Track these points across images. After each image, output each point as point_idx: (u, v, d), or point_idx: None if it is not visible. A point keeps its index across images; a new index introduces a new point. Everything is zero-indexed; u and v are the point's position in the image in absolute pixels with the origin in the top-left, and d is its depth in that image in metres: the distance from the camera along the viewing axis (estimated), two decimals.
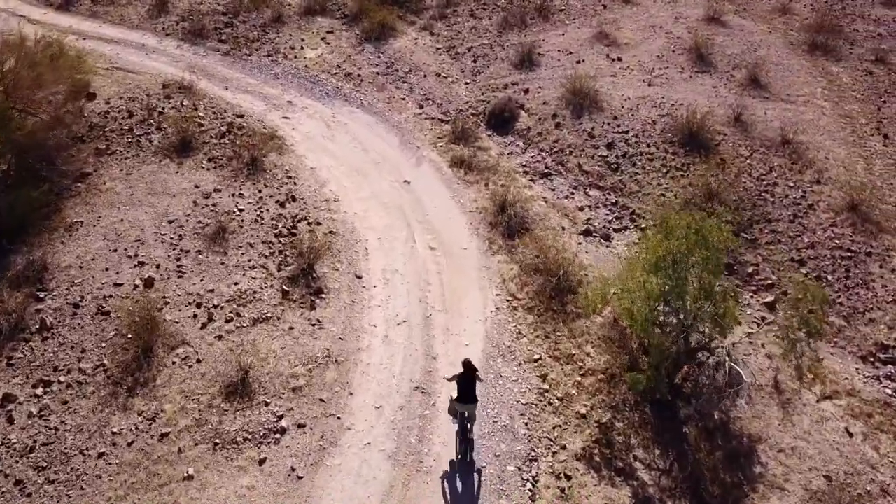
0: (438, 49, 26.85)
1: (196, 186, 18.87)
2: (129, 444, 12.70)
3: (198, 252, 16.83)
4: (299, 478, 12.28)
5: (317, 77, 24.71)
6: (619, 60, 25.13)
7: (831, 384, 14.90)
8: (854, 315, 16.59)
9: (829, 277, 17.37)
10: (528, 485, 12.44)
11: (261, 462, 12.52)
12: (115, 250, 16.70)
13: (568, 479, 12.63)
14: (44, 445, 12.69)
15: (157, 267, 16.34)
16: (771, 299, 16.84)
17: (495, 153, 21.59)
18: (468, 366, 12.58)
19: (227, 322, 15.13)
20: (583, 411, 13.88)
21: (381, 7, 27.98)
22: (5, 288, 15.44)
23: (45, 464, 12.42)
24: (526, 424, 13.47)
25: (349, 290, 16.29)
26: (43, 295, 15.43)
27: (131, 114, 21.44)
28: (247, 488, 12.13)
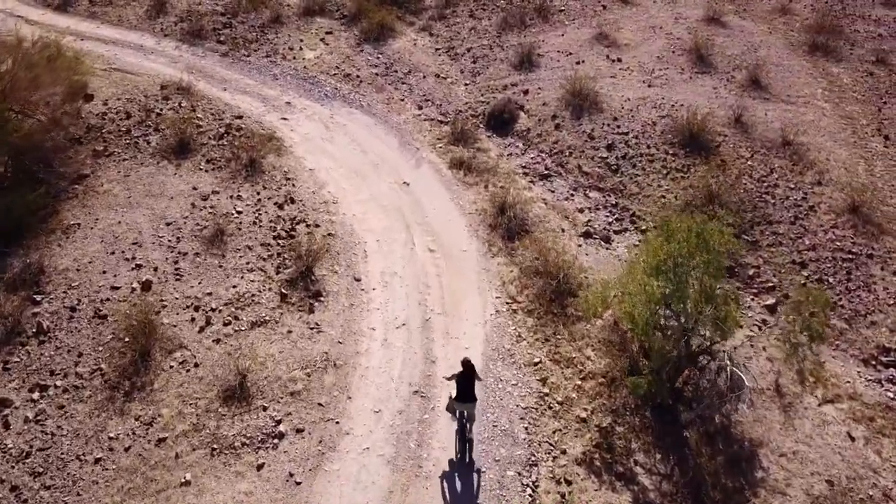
0: (438, 50, 26.75)
1: (194, 188, 18.77)
2: (126, 450, 12.60)
3: (196, 254, 16.73)
4: (297, 483, 12.19)
5: (315, 78, 24.60)
6: (619, 61, 25.03)
7: (833, 388, 14.81)
8: (855, 318, 16.50)
9: (831, 280, 17.29)
10: (529, 490, 12.35)
11: (259, 467, 12.42)
12: (113, 253, 16.60)
13: (568, 485, 12.54)
14: (40, 450, 12.59)
15: (155, 270, 16.24)
16: (772, 302, 16.75)
17: (495, 154, 21.49)
18: (467, 365, 12.55)
19: (226, 325, 15.03)
20: (583, 415, 13.79)
21: (380, 7, 27.90)
22: (1, 291, 15.36)
23: (42, 469, 12.32)
24: (526, 429, 13.38)
25: (348, 293, 16.19)
26: (39, 298, 15.34)
27: (129, 115, 21.34)
28: (244, 494, 12.04)
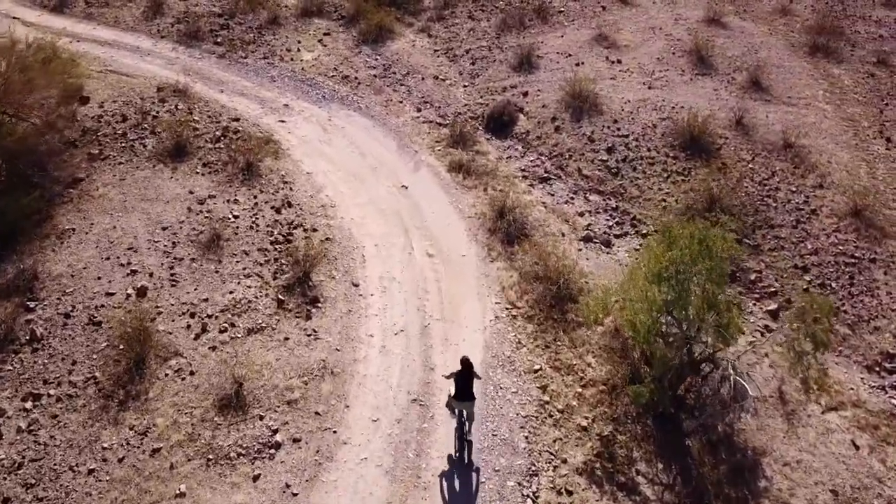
0: (436, 51, 26.55)
1: (190, 192, 18.56)
2: (120, 460, 12.40)
3: (192, 260, 16.53)
4: (294, 494, 11.99)
5: (313, 80, 24.40)
6: (619, 63, 24.85)
7: (836, 395, 14.65)
8: (859, 323, 16.33)
9: (833, 284, 17.12)
10: (529, 501, 12.15)
11: (255, 478, 12.22)
12: (108, 258, 16.40)
13: (569, 495, 12.36)
14: (32, 461, 12.39)
15: (151, 275, 16.04)
16: (774, 307, 16.58)
17: (494, 157, 21.30)
18: (466, 363, 12.51)
19: (222, 332, 14.84)
20: (584, 424, 13.61)
21: (379, 8, 27.71)
22: None
23: (34, 481, 12.12)
24: (526, 438, 13.19)
25: (346, 299, 16.00)
26: (33, 305, 15.13)
27: (125, 118, 21.14)
28: None
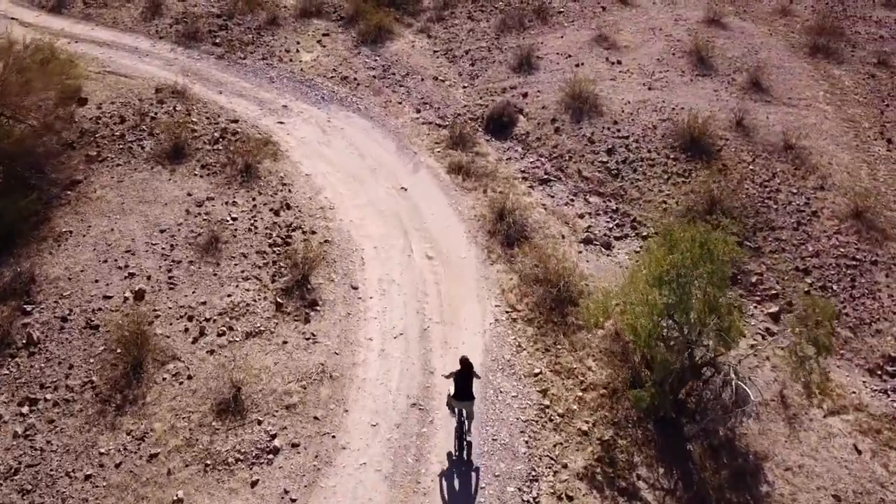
0: (436, 52, 26.45)
1: (188, 194, 18.47)
2: (117, 466, 12.30)
3: (190, 263, 16.44)
4: (293, 500, 11.88)
5: (312, 81, 24.30)
6: (619, 64, 24.76)
7: (838, 398, 14.55)
8: (860, 326, 16.25)
9: (835, 287, 17.04)
10: None
11: (253, 484, 12.12)
12: (105, 261, 16.30)
13: (570, 500, 12.26)
14: (29, 467, 12.29)
15: (148, 278, 15.95)
16: (775, 310, 16.49)
17: (494, 159, 21.20)
18: (465, 363, 12.49)
19: (220, 336, 14.74)
20: (584, 428, 13.51)
21: (378, 9, 27.60)
22: None
23: (31, 487, 12.02)
24: (526, 442, 13.10)
25: (344, 302, 15.91)
26: (30, 308, 15.03)
27: (123, 119, 21.03)
28: None
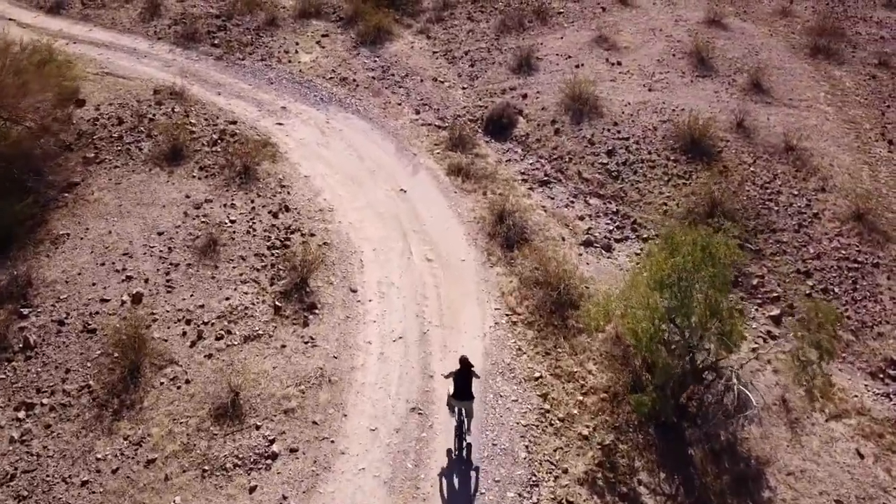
0: (435, 53, 26.35)
1: (187, 196, 18.37)
2: (114, 472, 12.21)
3: (188, 265, 16.34)
4: None
5: (311, 82, 24.20)
6: (619, 65, 24.66)
7: (840, 402, 14.46)
8: (862, 329, 16.15)
9: (836, 290, 16.94)
10: None
11: (251, 490, 12.03)
12: (103, 264, 16.21)
13: None
14: (25, 472, 12.20)
15: (146, 281, 15.85)
16: (777, 312, 16.40)
17: (493, 160, 21.11)
18: (465, 363, 12.47)
19: (218, 340, 14.64)
20: (585, 432, 13.42)
21: (377, 10, 27.47)
22: None
23: (27, 493, 11.93)
24: (526, 447, 13.01)
25: (343, 305, 15.81)
26: (27, 312, 14.94)
27: (121, 121, 20.94)
28: None
